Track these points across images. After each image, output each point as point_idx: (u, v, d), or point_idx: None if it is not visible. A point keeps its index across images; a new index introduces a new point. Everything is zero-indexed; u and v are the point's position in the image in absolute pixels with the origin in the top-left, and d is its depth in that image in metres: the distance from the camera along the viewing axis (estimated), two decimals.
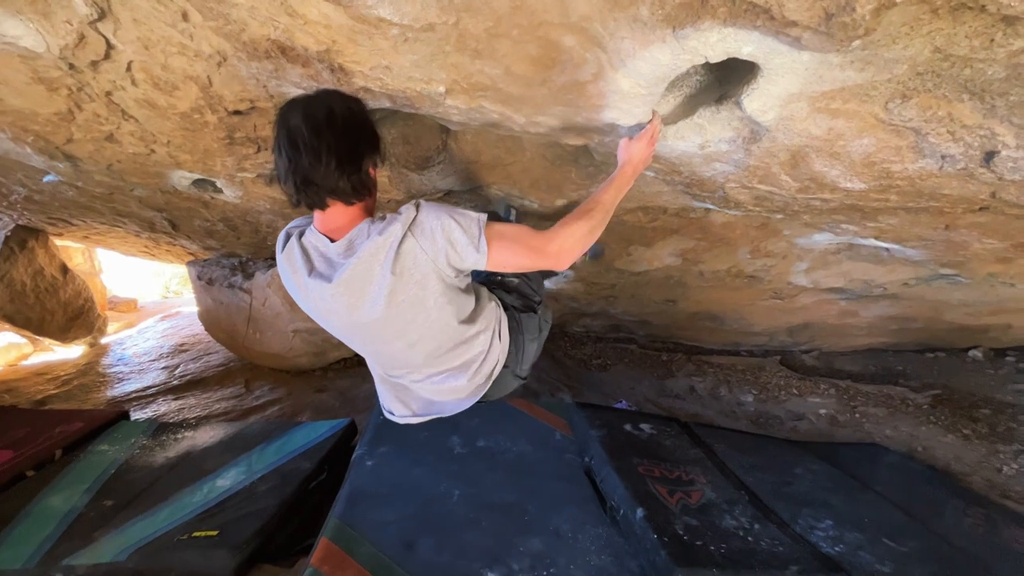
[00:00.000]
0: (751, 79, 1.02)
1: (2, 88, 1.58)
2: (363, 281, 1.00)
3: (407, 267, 0.99)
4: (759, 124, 1.15)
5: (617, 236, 2.65)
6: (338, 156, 0.94)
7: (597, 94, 1.14)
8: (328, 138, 0.93)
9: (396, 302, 1.01)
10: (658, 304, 3.69)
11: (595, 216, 1.11)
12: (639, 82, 1.06)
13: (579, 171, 2.07)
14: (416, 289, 1.01)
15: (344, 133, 0.95)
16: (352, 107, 0.98)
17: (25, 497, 1.94)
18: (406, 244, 0.97)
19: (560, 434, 2.42)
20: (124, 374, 3.50)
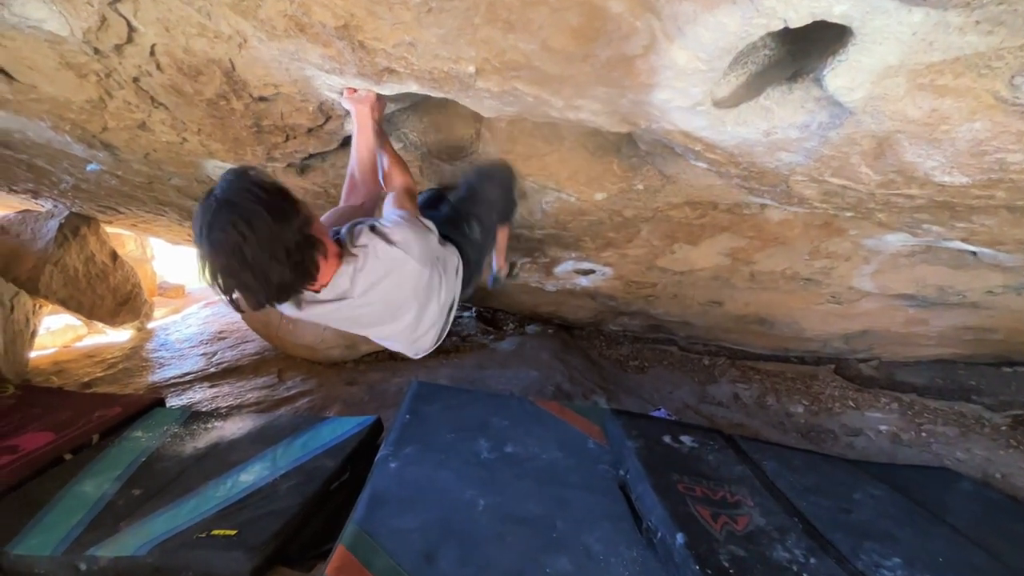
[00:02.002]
0: (838, 49, 0.85)
1: (35, 75, 1.57)
2: (389, 305, 1.23)
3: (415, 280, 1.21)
4: (841, 105, 0.97)
5: (661, 233, 2.47)
6: (279, 271, 0.97)
7: (647, 71, 0.99)
8: (259, 262, 0.94)
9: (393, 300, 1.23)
10: (702, 305, 3.47)
11: (396, 161, 1.42)
12: (698, 55, 0.90)
13: (621, 162, 1.91)
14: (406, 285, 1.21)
15: (266, 247, 0.95)
16: (251, 207, 0.94)
17: (60, 481, 1.97)
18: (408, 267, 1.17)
19: (593, 442, 2.28)
20: (165, 359, 3.60)
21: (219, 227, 0.93)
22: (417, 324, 1.32)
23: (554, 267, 3.19)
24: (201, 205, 0.97)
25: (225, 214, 0.94)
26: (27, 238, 3.54)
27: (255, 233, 0.93)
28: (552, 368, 3.50)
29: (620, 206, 2.23)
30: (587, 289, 3.49)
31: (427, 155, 2.10)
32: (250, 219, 0.93)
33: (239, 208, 0.94)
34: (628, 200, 2.15)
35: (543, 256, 3.05)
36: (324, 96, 1.56)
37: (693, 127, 1.20)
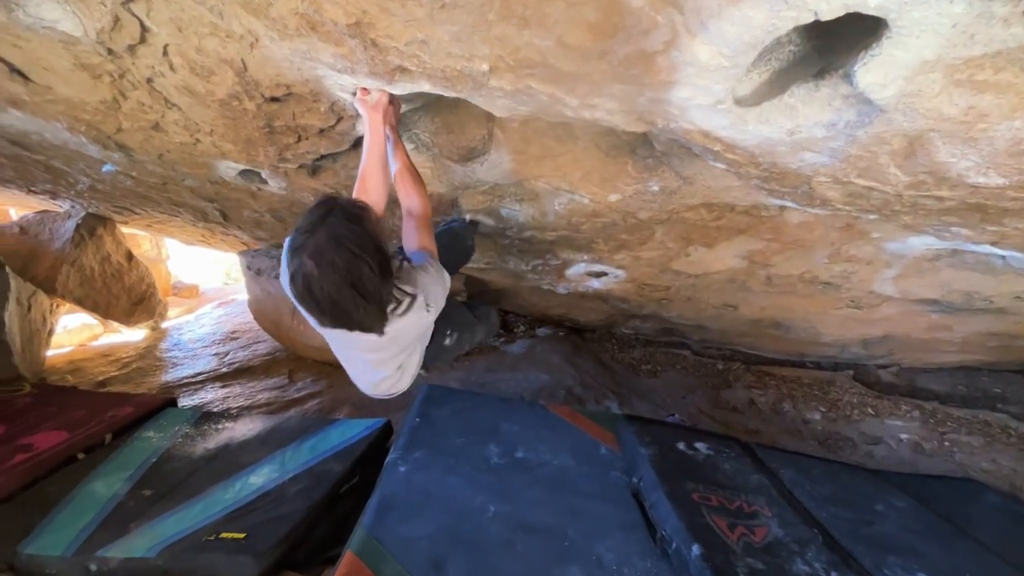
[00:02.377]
0: (871, 43, 0.81)
1: (50, 76, 1.58)
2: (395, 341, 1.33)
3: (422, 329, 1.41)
4: (871, 103, 0.92)
5: (676, 235, 2.42)
6: (364, 311, 1.09)
7: (667, 67, 0.96)
8: (360, 298, 1.05)
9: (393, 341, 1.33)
10: (716, 309, 3.41)
11: (413, 177, 1.50)
12: (721, 51, 0.87)
13: (636, 163, 1.87)
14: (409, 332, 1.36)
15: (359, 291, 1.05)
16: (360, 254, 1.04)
17: (73, 480, 1.97)
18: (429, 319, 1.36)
19: (606, 448, 2.24)
20: (178, 359, 3.62)
21: (340, 257, 1.01)
22: (397, 369, 1.46)
23: (566, 270, 3.15)
24: (317, 228, 1.04)
25: (345, 250, 1.02)
26: (45, 238, 3.59)
27: (369, 278, 1.04)
28: (563, 371, 3.46)
29: (634, 208, 2.19)
30: (599, 292, 3.45)
31: (438, 156, 2.08)
32: (369, 263, 1.04)
33: (358, 251, 1.03)
34: (643, 202, 2.11)
35: (555, 258, 3.01)
36: (336, 96, 1.54)
37: (713, 126, 1.16)
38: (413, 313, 1.25)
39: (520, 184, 2.21)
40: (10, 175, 2.84)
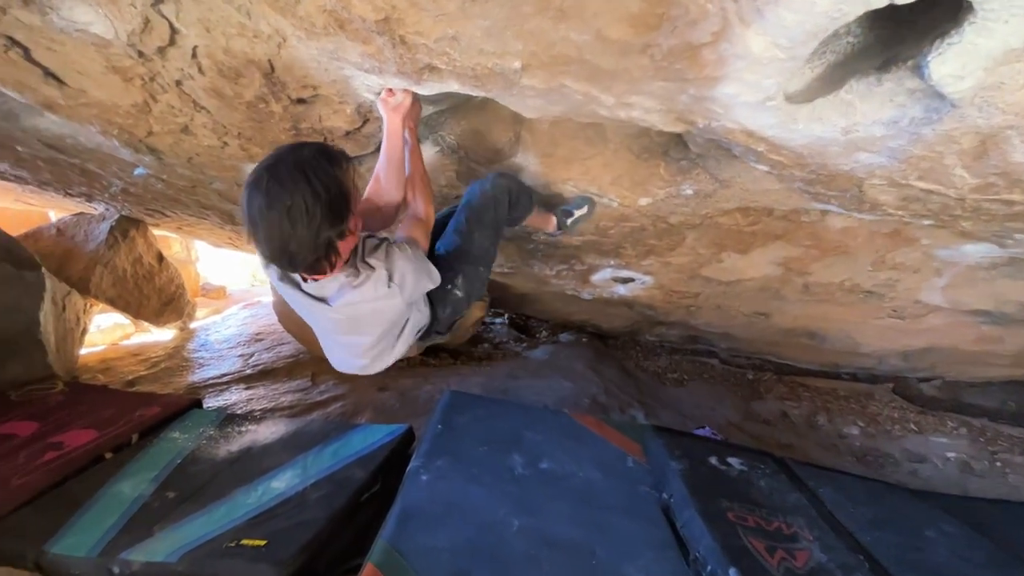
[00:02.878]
0: (949, 30, 0.73)
1: (84, 79, 1.59)
2: (356, 322, 1.29)
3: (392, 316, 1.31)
4: (943, 97, 0.84)
5: (708, 241, 2.34)
6: (303, 251, 1.06)
7: (715, 61, 0.89)
8: (296, 232, 1.02)
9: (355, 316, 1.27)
10: (746, 317, 3.29)
11: (422, 182, 1.48)
12: (778, 42, 0.80)
13: (669, 165, 1.80)
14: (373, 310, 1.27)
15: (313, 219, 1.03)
16: (318, 191, 1.02)
17: (99, 480, 1.99)
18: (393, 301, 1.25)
19: (633, 460, 2.16)
20: (205, 360, 3.67)
21: (287, 187, 1.01)
22: (366, 351, 1.41)
23: (591, 275, 3.08)
24: (282, 155, 1.05)
25: (298, 181, 1.01)
26: (80, 240, 3.68)
27: (310, 213, 1.02)
28: (587, 379, 3.39)
29: (665, 212, 2.11)
30: (625, 298, 3.37)
31: (464, 159, 2.05)
32: (314, 200, 1.02)
33: (312, 184, 1.02)
34: (675, 206, 2.04)
35: (580, 264, 2.95)
36: (362, 98, 1.52)
37: (759, 125, 1.09)
38: (370, 285, 1.19)
39: (547, 187, 2.15)
40: (47, 178, 2.92)
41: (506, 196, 1.64)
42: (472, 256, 1.59)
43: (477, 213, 1.62)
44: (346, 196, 1.08)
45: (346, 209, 1.08)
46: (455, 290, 1.56)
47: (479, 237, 1.60)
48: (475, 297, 1.65)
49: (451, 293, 1.55)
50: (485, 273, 1.65)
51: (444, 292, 1.53)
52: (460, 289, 1.57)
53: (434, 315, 1.54)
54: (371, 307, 1.25)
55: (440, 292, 1.51)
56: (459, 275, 1.56)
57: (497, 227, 1.66)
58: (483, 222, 1.61)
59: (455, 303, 1.58)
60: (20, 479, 2.02)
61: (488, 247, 1.64)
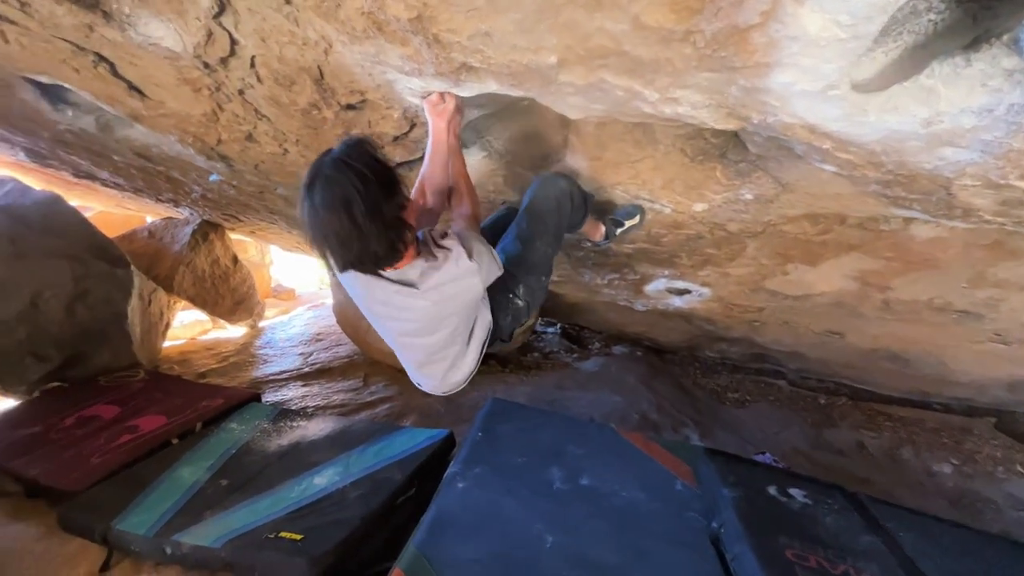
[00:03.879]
0: None
1: (161, 91, 1.73)
2: (442, 309, 1.27)
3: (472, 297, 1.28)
4: None
5: (771, 251, 2.16)
6: (376, 239, 1.05)
7: (765, 46, 0.81)
8: (363, 224, 1.02)
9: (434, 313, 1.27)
10: (818, 335, 3.02)
11: (471, 192, 1.45)
12: (838, 18, 0.71)
13: (727, 168, 1.68)
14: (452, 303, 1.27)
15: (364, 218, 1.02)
16: (365, 173, 1.03)
17: (164, 464, 2.13)
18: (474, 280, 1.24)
19: (682, 484, 2.02)
20: (269, 356, 3.88)
21: (335, 183, 1.01)
22: (441, 351, 1.39)
23: (644, 285, 2.95)
24: (318, 161, 1.07)
25: (342, 172, 1.01)
26: (167, 242, 4.04)
27: (365, 197, 1.00)
28: (638, 394, 3.24)
29: (723, 219, 1.98)
30: (681, 310, 3.20)
31: (511, 163, 2.03)
32: (363, 183, 1.01)
33: (355, 170, 1.01)
34: (733, 212, 1.90)
35: (632, 273, 2.83)
36: (407, 102, 1.54)
37: (822, 118, 0.98)
38: (452, 262, 1.19)
39: (596, 192, 2.08)
40: (140, 184, 3.22)
41: (568, 200, 1.58)
42: (534, 265, 1.56)
43: (540, 218, 1.57)
44: (387, 168, 1.08)
45: (395, 179, 1.09)
46: (516, 299, 1.53)
47: (541, 245, 1.56)
48: (535, 306, 1.62)
49: (512, 301, 1.53)
50: (546, 282, 1.63)
51: (506, 300, 1.51)
52: (521, 298, 1.54)
53: (496, 322, 1.50)
54: (455, 287, 1.23)
55: (502, 299, 1.49)
56: (520, 284, 1.53)
57: (559, 234, 1.62)
58: (546, 228, 1.57)
59: (516, 311, 1.55)
60: (99, 458, 2.21)
61: (549, 255, 1.60)
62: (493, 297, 1.45)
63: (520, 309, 1.55)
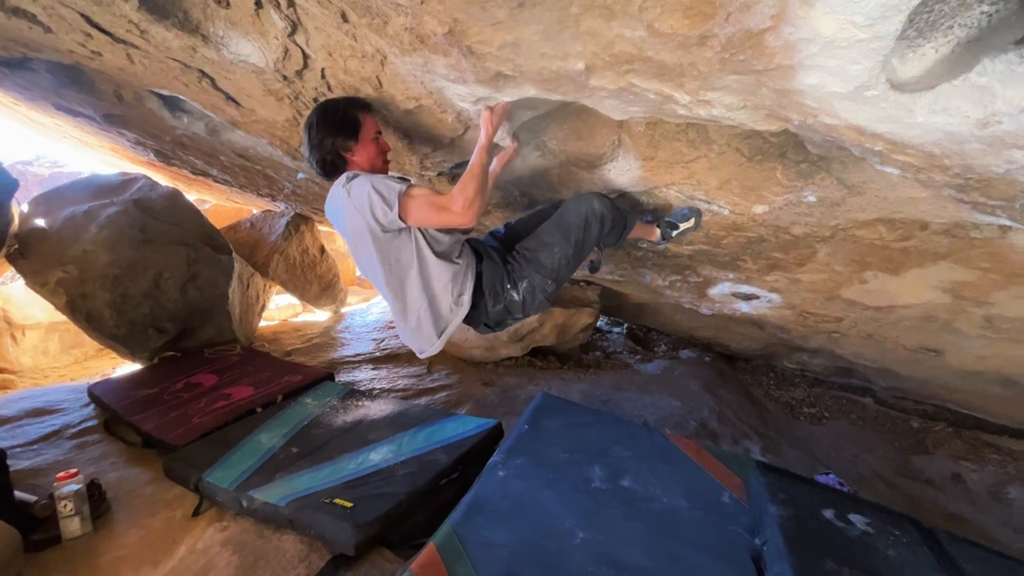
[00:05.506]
0: None
1: (252, 101, 1.96)
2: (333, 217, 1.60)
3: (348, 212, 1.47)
4: None
5: (845, 257, 2.00)
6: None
7: (783, 48, 0.78)
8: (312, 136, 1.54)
9: (348, 232, 1.53)
10: (910, 352, 2.73)
11: (473, 180, 1.44)
12: (854, 20, 0.67)
13: (787, 169, 1.59)
14: (353, 228, 1.49)
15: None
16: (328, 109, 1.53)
17: (248, 429, 2.42)
18: (345, 200, 1.46)
19: (730, 496, 1.94)
20: (347, 340, 4.21)
21: (312, 113, 1.54)
22: (384, 287, 1.57)
23: (708, 288, 2.84)
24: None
25: (314, 110, 1.54)
26: (265, 232, 4.50)
27: (316, 126, 1.51)
28: (699, 401, 3.13)
29: (787, 222, 1.87)
30: (750, 316, 3.04)
31: (565, 163, 2.05)
32: (320, 117, 1.51)
33: (320, 109, 1.53)
34: (797, 215, 1.79)
35: (695, 275, 2.74)
36: (459, 106, 1.62)
37: (864, 120, 0.91)
38: (336, 187, 1.52)
39: (650, 192, 2.06)
40: (243, 181, 3.63)
41: (598, 224, 1.66)
42: (542, 266, 1.62)
43: (566, 229, 1.65)
44: (344, 117, 1.50)
45: (346, 125, 1.50)
46: (512, 291, 1.61)
47: (559, 252, 1.63)
48: (533, 308, 1.67)
49: (508, 292, 1.61)
50: (552, 288, 1.66)
51: (501, 285, 1.60)
52: (519, 292, 1.61)
53: (480, 303, 1.60)
54: (357, 224, 1.47)
55: (496, 283, 1.60)
56: (525, 279, 1.60)
57: (580, 249, 1.67)
58: (567, 239, 1.64)
59: (509, 303, 1.63)
60: (199, 419, 2.55)
61: (563, 264, 1.65)
62: (486, 278, 1.58)
63: (515, 303, 1.63)
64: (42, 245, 3.04)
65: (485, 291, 1.59)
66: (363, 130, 1.52)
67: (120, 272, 3.07)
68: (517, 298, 1.61)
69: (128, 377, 3.10)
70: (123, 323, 3.10)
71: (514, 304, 1.62)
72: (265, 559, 1.68)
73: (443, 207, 1.41)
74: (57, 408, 2.93)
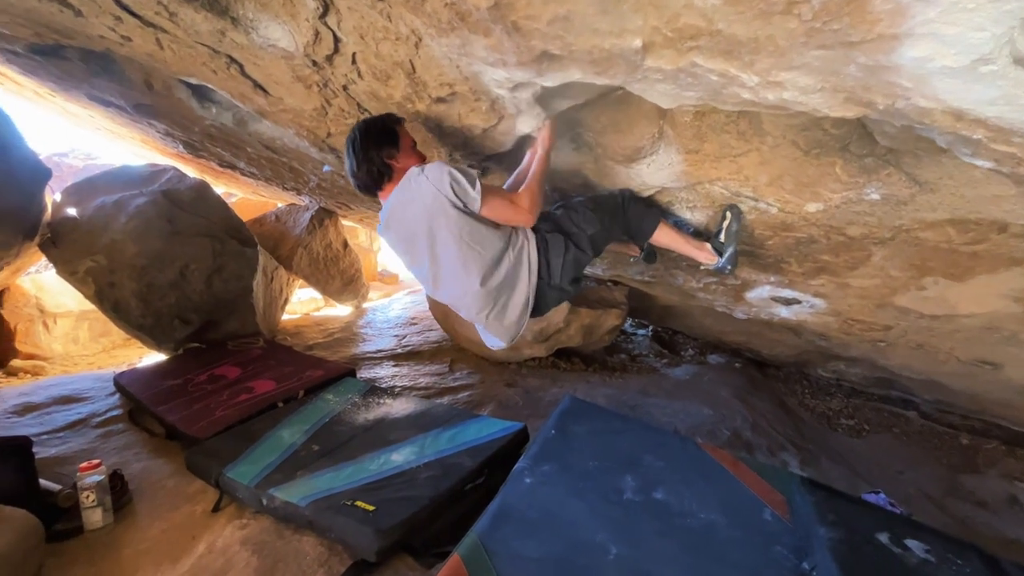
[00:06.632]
0: None
1: (280, 89, 1.91)
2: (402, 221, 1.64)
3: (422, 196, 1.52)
4: None
5: (904, 261, 1.86)
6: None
7: (891, 13, 0.67)
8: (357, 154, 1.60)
9: (421, 220, 1.56)
10: (964, 364, 2.56)
11: (538, 185, 1.61)
12: None
13: (848, 163, 1.47)
14: (429, 212, 1.52)
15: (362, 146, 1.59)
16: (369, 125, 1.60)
17: (270, 423, 2.38)
18: (423, 184, 1.51)
19: (772, 514, 1.82)
20: (368, 336, 4.18)
21: (351, 132, 1.59)
22: (433, 273, 1.68)
23: (745, 292, 2.70)
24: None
25: (353, 129, 1.60)
26: (290, 226, 4.50)
27: (360, 142, 1.57)
28: (731, 409, 2.99)
29: (842, 222, 1.73)
30: (788, 322, 2.89)
31: (601, 157, 1.95)
32: (363, 133, 1.57)
33: (361, 127, 1.59)
34: (855, 214, 1.66)
35: (731, 277, 2.61)
36: (494, 93, 1.54)
37: (972, 102, 0.80)
38: (406, 181, 1.55)
39: (692, 188, 1.94)
40: (269, 174, 3.62)
41: (625, 200, 1.88)
42: (564, 230, 1.73)
43: (595, 198, 1.85)
44: (383, 128, 1.58)
45: (386, 135, 1.57)
46: (572, 244, 1.73)
47: (582, 216, 1.75)
48: (564, 269, 1.73)
49: (568, 246, 1.72)
50: (576, 251, 1.73)
51: (559, 243, 1.71)
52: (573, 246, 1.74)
53: (548, 264, 1.70)
54: (408, 201, 1.58)
55: (554, 242, 1.71)
56: (564, 215, 1.77)
57: (609, 216, 1.81)
58: (598, 206, 1.80)
59: (577, 258, 1.74)
60: (222, 412, 2.53)
61: (586, 228, 1.74)
62: (545, 240, 1.69)
63: (577, 256, 1.73)
64: (73, 234, 3.07)
65: (550, 252, 1.70)
66: (402, 140, 1.61)
67: (147, 263, 3.07)
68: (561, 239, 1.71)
69: (153, 367, 3.10)
70: (149, 313, 3.11)
71: (577, 258, 1.73)
72: (284, 562, 1.62)
73: (515, 204, 1.57)
74: (84, 396, 2.95)
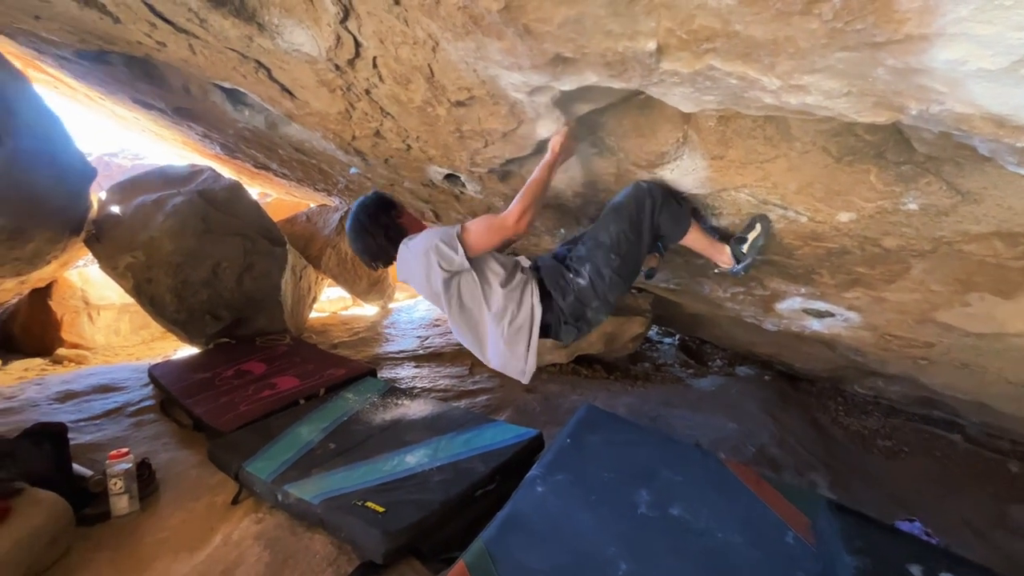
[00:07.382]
0: None
1: (306, 92, 1.95)
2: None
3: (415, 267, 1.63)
4: None
5: (946, 275, 1.75)
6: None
7: (919, 11, 0.62)
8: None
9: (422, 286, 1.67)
10: (1014, 386, 2.39)
11: (530, 192, 1.55)
12: None
13: (884, 171, 1.39)
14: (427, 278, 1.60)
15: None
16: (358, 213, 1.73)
17: (291, 420, 2.43)
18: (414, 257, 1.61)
19: (795, 536, 1.73)
20: (391, 336, 4.23)
21: (351, 217, 1.71)
22: (460, 325, 1.68)
23: (775, 303, 2.60)
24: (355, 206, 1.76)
25: (351, 213, 1.72)
26: (320, 226, 4.61)
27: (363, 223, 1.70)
28: (758, 423, 2.88)
29: (877, 232, 1.64)
30: (821, 335, 2.76)
31: (623, 161, 1.91)
32: (364, 214, 1.71)
33: (358, 210, 1.73)
34: (891, 225, 1.57)
35: (760, 287, 2.51)
36: (513, 97, 1.52)
37: (1012, 107, 0.73)
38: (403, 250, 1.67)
39: (718, 195, 1.88)
40: (300, 175, 3.71)
41: (649, 198, 1.68)
42: (603, 244, 1.64)
43: (617, 207, 1.70)
44: (377, 218, 1.70)
45: (379, 222, 1.70)
46: (577, 277, 1.64)
47: (615, 228, 1.65)
48: (606, 288, 1.65)
49: (572, 280, 1.64)
50: (618, 264, 1.64)
51: (563, 279, 1.65)
52: (584, 276, 1.63)
53: (552, 305, 1.64)
54: (404, 263, 1.68)
55: (558, 279, 1.65)
56: (587, 262, 1.64)
57: (637, 225, 1.68)
58: (621, 215, 1.67)
59: (578, 291, 1.64)
60: (245, 407, 2.59)
61: (623, 239, 1.65)
62: (546, 278, 1.65)
63: (583, 288, 1.63)
64: (115, 231, 3.22)
65: (550, 289, 1.64)
66: (395, 203, 1.77)
67: (182, 260, 3.20)
68: (584, 282, 1.64)
69: (184, 361, 3.22)
70: (183, 308, 3.23)
71: (583, 290, 1.63)
72: (295, 558, 1.65)
73: (498, 227, 1.53)
74: (121, 386, 3.08)
